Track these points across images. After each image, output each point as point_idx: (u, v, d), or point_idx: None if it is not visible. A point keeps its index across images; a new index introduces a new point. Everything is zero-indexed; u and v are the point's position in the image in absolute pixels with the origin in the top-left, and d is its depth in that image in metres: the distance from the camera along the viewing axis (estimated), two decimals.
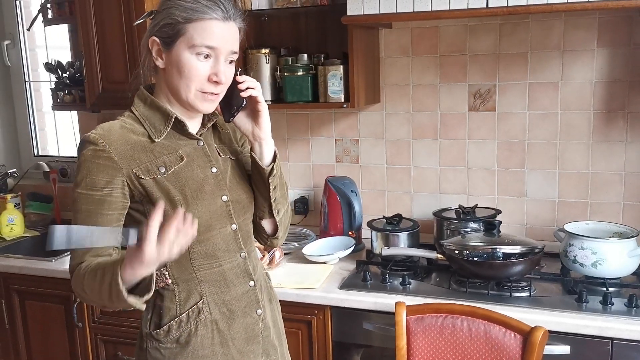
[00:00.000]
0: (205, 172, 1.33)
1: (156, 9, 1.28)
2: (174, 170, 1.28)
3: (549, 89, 2.20)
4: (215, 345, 1.34)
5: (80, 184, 1.23)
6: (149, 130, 1.29)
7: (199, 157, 1.34)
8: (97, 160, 1.22)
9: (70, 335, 2.35)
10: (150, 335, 1.33)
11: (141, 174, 1.25)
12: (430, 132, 2.38)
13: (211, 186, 1.33)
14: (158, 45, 1.26)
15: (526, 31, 2.18)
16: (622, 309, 1.71)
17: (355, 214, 2.32)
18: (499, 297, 1.83)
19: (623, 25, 2.08)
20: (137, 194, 1.26)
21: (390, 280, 1.98)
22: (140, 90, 1.33)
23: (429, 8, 1.83)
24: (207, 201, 1.31)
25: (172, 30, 1.23)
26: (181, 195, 1.27)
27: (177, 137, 1.32)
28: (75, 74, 2.60)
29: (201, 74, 1.25)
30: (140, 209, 1.27)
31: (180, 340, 1.32)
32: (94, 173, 1.22)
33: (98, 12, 2.31)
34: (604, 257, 1.83)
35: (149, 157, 1.27)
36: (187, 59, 1.24)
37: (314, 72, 2.22)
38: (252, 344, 1.39)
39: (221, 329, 1.34)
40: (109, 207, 1.23)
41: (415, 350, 1.70)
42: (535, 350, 1.55)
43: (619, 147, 2.15)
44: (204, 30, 1.22)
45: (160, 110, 1.30)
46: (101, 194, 1.22)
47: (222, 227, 1.34)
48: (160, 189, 1.26)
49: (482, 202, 2.32)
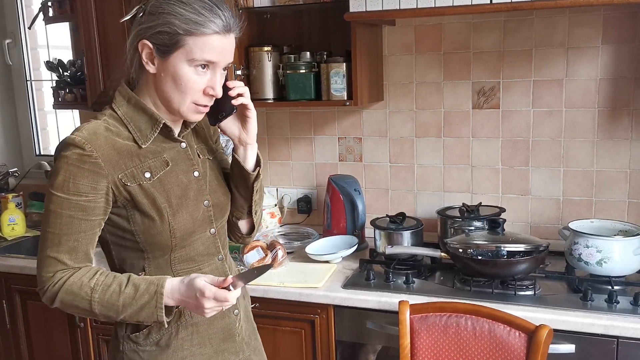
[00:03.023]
0: (189, 176, 1.32)
1: (147, 7, 1.20)
2: (159, 177, 1.27)
3: (553, 86, 2.18)
4: (194, 346, 1.35)
5: (61, 187, 1.18)
6: (134, 134, 1.25)
7: (182, 160, 1.32)
8: (83, 165, 1.18)
9: (72, 335, 2.34)
10: (128, 337, 1.32)
11: (127, 181, 1.22)
12: (434, 130, 2.36)
13: (194, 191, 1.32)
14: (150, 50, 1.20)
15: (530, 28, 2.17)
16: (627, 307, 1.69)
17: (359, 212, 2.31)
18: (503, 296, 1.82)
19: (628, 22, 2.06)
20: (120, 200, 1.23)
21: (394, 279, 1.97)
22: (122, 87, 1.27)
23: (432, 4, 1.82)
24: (190, 208, 1.30)
25: (170, 40, 1.18)
26: (167, 203, 1.26)
27: (162, 141, 1.29)
28: (76, 72, 2.59)
29: (198, 87, 1.22)
30: (122, 214, 1.25)
31: (160, 343, 1.32)
32: (79, 178, 1.18)
33: (99, 10, 2.30)
34: (609, 255, 1.81)
35: (135, 162, 1.24)
36: (184, 72, 1.20)
37: (316, 70, 2.20)
38: (228, 342, 1.40)
39: (200, 331, 1.35)
40: (92, 212, 1.20)
41: (419, 349, 1.69)
42: (540, 349, 1.53)
43: (624, 145, 2.13)
44: (204, 45, 1.19)
45: (147, 113, 1.25)
46: (85, 199, 1.19)
47: (202, 231, 1.34)
48: (145, 196, 1.24)
49: (486, 200, 2.31)
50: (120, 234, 1.27)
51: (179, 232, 1.28)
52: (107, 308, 1.20)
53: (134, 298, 1.20)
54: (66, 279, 1.20)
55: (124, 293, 1.20)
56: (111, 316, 1.22)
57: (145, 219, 1.25)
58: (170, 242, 1.28)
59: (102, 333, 2.29)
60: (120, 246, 1.30)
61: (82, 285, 1.20)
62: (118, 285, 1.21)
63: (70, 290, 1.20)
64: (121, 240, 1.29)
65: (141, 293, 1.20)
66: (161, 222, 1.25)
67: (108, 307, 1.20)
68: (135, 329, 1.31)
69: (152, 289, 1.20)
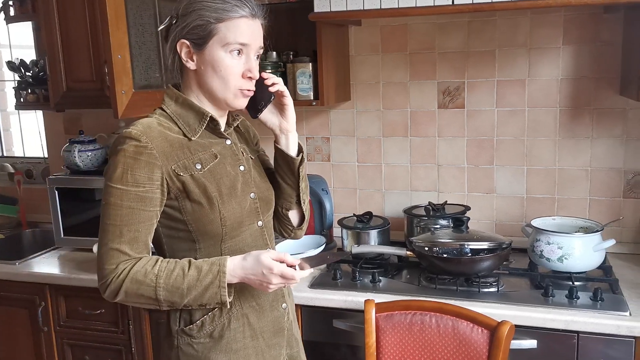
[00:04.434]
0: (236, 169, 1.37)
1: (177, 13, 1.29)
2: (209, 168, 1.31)
3: (516, 86, 2.21)
4: (247, 339, 1.36)
5: (119, 179, 1.22)
6: (183, 129, 1.31)
7: (229, 155, 1.37)
8: (139, 157, 1.23)
9: (36, 339, 2.30)
10: (182, 331, 1.33)
11: (179, 171, 1.27)
12: (400, 129, 2.38)
13: (241, 184, 1.36)
14: (188, 48, 1.28)
15: (494, 29, 2.20)
16: (587, 303, 1.73)
17: (326, 212, 2.31)
18: (467, 293, 1.84)
19: (588, 23, 2.11)
20: (173, 191, 1.28)
21: (361, 278, 1.98)
22: (170, 89, 1.35)
23: (395, 5, 1.84)
24: (239, 198, 1.35)
25: (204, 31, 1.26)
26: (217, 192, 1.30)
27: (209, 136, 1.35)
28: (39, 72, 2.54)
29: (237, 71, 1.28)
30: (174, 205, 1.29)
31: (213, 334, 1.33)
32: (136, 169, 1.22)
33: (62, 9, 2.26)
34: (570, 252, 1.85)
35: (186, 154, 1.29)
36: (222, 58, 1.27)
37: (283, 69, 2.20)
38: (278, 337, 1.43)
39: (252, 323, 1.37)
40: (150, 203, 1.24)
41: (385, 347, 1.70)
42: (501, 344, 1.55)
43: (585, 143, 2.18)
44: (236, 28, 1.26)
45: (194, 108, 1.32)
46: (143, 190, 1.23)
47: (250, 223, 1.38)
48: (197, 186, 1.28)
49: (453, 198, 2.33)
50: (173, 225, 1.31)
51: (229, 220, 1.31)
52: (172, 293, 1.23)
53: (197, 279, 1.23)
54: (130, 269, 1.23)
55: (188, 275, 1.23)
56: (176, 301, 1.24)
57: (197, 207, 1.28)
58: (221, 231, 1.31)
59: (66, 337, 2.25)
60: (173, 237, 1.32)
61: (146, 272, 1.23)
62: (181, 269, 1.24)
63: (136, 279, 1.22)
64: (173, 232, 1.32)
65: (204, 274, 1.23)
66: (212, 210, 1.29)
67: (173, 292, 1.23)
68: (187, 322, 1.33)
69: (215, 269, 1.24)
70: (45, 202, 2.52)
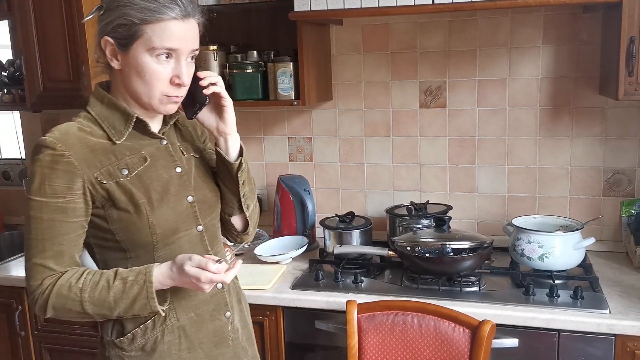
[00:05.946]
0: (170, 172, 1.29)
1: (105, 4, 1.20)
2: (138, 172, 1.24)
3: (497, 85, 2.22)
4: (183, 351, 1.30)
5: (37, 191, 1.17)
6: (108, 132, 1.23)
7: (162, 157, 1.29)
8: (56, 166, 1.16)
9: (14, 344, 2.25)
10: (113, 343, 1.28)
11: (102, 179, 1.20)
12: (382, 129, 2.37)
13: (176, 187, 1.29)
14: (112, 46, 1.19)
15: (475, 28, 2.20)
16: (567, 301, 1.74)
17: (309, 212, 2.30)
18: (449, 293, 1.84)
19: (568, 22, 2.12)
20: (98, 199, 1.21)
21: (343, 279, 1.97)
22: (96, 89, 1.27)
23: (376, 4, 1.83)
24: (172, 203, 1.27)
25: (128, 31, 1.16)
26: (145, 199, 1.23)
27: (139, 137, 1.27)
28: (15, 72, 2.50)
29: (163, 77, 1.19)
30: (101, 214, 1.22)
31: (145, 347, 1.28)
32: (53, 179, 1.16)
33: (38, 8, 2.21)
34: (550, 250, 1.86)
35: (111, 160, 1.22)
36: (146, 63, 1.17)
37: (263, 69, 2.18)
38: (222, 347, 1.36)
39: (188, 334, 1.31)
40: (72, 214, 1.18)
41: (367, 348, 1.69)
42: (483, 343, 1.56)
43: (565, 142, 2.19)
44: (162, 32, 1.16)
45: (120, 109, 1.24)
46: (63, 201, 1.17)
47: (188, 229, 1.31)
48: (123, 193, 1.22)
49: (435, 198, 2.33)
50: (101, 234, 1.25)
51: (160, 228, 1.25)
52: (99, 307, 1.18)
53: (123, 291, 1.17)
54: (54, 284, 1.17)
55: (114, 287, 1.17)
56: (106, 314, 1.19)
57: (124, 215, 1.22)
58: (152, 239, 1.25)
59: (44, 341, 2.21)
60: (102, 247, 1.27)
61: (70, 286, 1.17)
62: (106, 281, 1.18)
63: (60, 293, 1.17)
64: (102, 242, 1.26)
65: (130, 285, 1.18)
66: (139, 218, 1.22)
67: (100, 305, 1.17)
68: (119, 333, 1.28)
69: (141, 279, 1.18)
70: (22, 204, 2.47)
